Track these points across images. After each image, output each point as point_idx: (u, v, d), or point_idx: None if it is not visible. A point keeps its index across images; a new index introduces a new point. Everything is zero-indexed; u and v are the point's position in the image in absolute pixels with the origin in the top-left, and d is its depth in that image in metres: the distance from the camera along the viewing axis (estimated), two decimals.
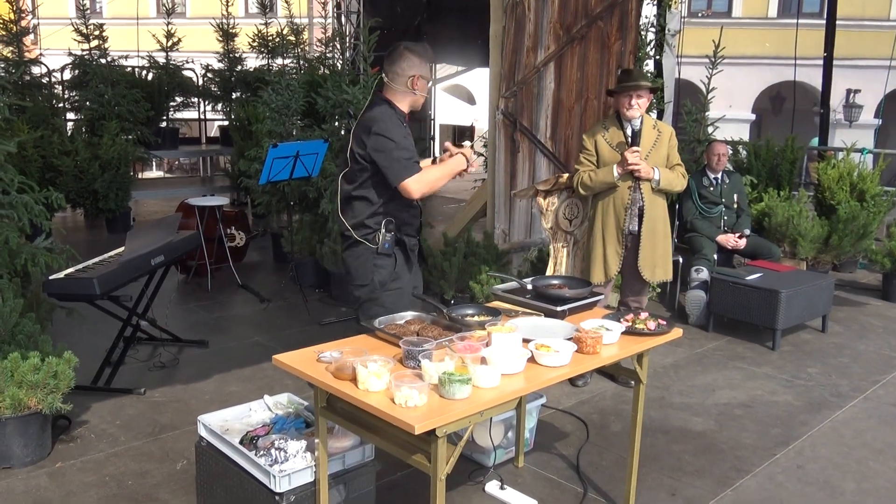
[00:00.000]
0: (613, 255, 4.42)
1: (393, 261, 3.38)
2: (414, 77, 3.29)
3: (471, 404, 2.28)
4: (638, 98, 4.26)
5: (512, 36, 5.89)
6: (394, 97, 3.34)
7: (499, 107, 5.97)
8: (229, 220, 7.14)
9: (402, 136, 3.25)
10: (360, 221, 3.35)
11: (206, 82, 11.32)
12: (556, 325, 2.95)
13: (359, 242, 3.36)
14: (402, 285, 3.43)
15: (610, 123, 4.43)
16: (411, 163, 3.23)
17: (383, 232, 3.31)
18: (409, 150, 3.24)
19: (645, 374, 3.07)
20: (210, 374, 4.65)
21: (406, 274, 3.46)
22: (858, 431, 4.07)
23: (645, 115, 4.40)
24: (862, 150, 7.79)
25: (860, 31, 16.03)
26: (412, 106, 3.39)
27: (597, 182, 4.36)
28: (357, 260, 3.39)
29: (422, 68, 3.31)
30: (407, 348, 2.51)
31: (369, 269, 3.36)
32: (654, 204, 4.38)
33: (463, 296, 5.54)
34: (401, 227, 3.38)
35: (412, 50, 3.30)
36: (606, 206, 4.40)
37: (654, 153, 4.35)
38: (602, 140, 4.39)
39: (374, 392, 2.33)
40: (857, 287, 7.19)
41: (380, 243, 3.31)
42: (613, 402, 4.38)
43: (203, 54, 11.84)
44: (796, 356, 5.25)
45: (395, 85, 3.31)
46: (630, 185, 4.33)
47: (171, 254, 4.64)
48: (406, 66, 3.29)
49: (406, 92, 3.32)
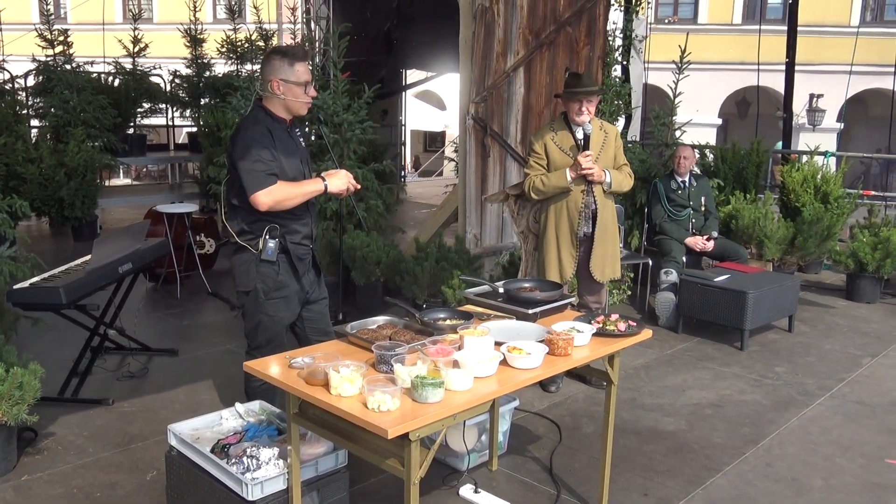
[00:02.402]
0: (568, 258, 4.42)
1: (276, 268, 3.30)
2: (273, 81, 3.19)
3: (444, 408, 2.27)
4: (588, 104, 4.27)
5: (482, 41, 5.92)
6: (269, 104, 3.26)
7: (469, 112, 5.99)
8: (198, 227, 7.07)
9: (263, 144, 3.13)
10: (243, 227, 3.28)
11: (174, 88, 11.21)
12: (528, 328, 2.96)
13: (243, 248, 3.29)
14: (287, 294, 3.35)
15: (558, 126, 4.42)
16: (264, 175, 3.12)
17: (266, 238, 3.24)
18: (264, 161, 3.12)
19: (616, 375, 3.09)
20: (180, 382, 4.59)
21: (292, 283, 3.36)
22: (825, 429, 4.14)
23: (593, 117, 4.43)
24: (825, 153, 7.93)
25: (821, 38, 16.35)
26: (290, 111, 3.28)
27: (550, 186, 4.35)
28: (241, 266, 3.33)
29: (284, 71, 3.18)
30: (379, 353, 2.51)
31: (252, 275, 3.30)
32: (605, 206, 4.40)
33: (435, 301, 5.53)
34: (286, 235, 3.29)
35: (278, 52, 3.22)
36: (559, 209, 4.40)
37: (603, 155, 4.37)
38: (552, 143, 4.39)
39: (346, 397, 2.32)
40: (823, 287, 7.32)
41: (262, 249, 3.25)
42: (585, 404, 4.41)
43: (171, 60, 11.72)
44: (764, 356, 5.32)
45: (265, 92, 3.25)
46: (583, 188, 4.33)
47: (140, 262, 4.58)
48: (268, 71, 3.21)
49: (274, 97, 3.23)
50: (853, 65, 9.99)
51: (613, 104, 7.17)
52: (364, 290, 6.03)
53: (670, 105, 7.19)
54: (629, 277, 6.63)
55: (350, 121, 6.68)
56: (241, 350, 5.12)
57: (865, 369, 5.09)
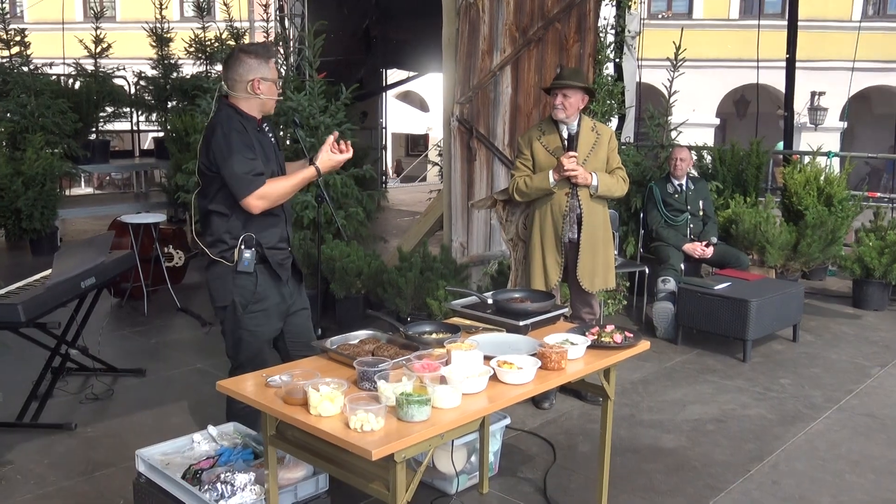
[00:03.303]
0: (553, 265, 4.43)
1: (254, 279, 3.30)
2: (254, 81, 3.23)
3: (431, 426, 2.27)
4: (565, 98, 4.28)
5: (466, 39, 5.95)
6: (240, 103, 3.28)
7: (454, 113, 6.01)
8: (166, 239, 7.04)
9: (244, 144, 3.17)
10: (217, 238, 3.28)
11: (139, 91, 11.17)
12: (519, 341, 2.97)
13: (216, 262, 3.29)
14: (266, 307, 3.35)
15: (546, 126, 4.45)
16: (251, 176, 3.14)
17: (241, 248, 3.24)
18: (248, 162, 3.15)
19: (612, 389, 3.10)
20: (148, 405, 4.56)
21: (273, 293, 3.36)
22: (833, 444, 4.17)
23: (584, 116, 4.45)
24: (828, 153, 8.02)
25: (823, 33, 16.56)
26: (262, 110, 3.32)
27: (532, 188, 4.37)
28: (216, 280, 3.32)
29: (262, 70, 3.24)
30: (361, 369, 2.51)
31: (228, 289, 3.29)
32: (592, 211, 4.41)
33: (420, 314, 5.53)
34: (262, 242, 3.29)
35: (248, 52, 3.26)
36: (544, 213, 4.41)
37: (593, 157, 4.39)
38: (538, 144, 4.41)
39: (327, 417, 2.32)
40: (828, 295, 7.39)
41: (238, 261, 3.24)
42: (581, 421, 4.42)
43: (135, 61, 11.69)
44: (768, 367, 5.36)
45: (237, 92, 3.27)
46: (567, 191, 4.34)
47: (103, 276, 4.55)
48: (244, 72, 3.24)
49: (250, 97, 3.26)
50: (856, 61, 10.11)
51: (606, 104, 7.21)
52: (344, 303, 6.02)
53: (665, 104, 7.25)
54: (625, 287, 6.66)
55: (327, 123, 6.68)
56: (213, 369, 5.13)
57: (874, 380, 5.13)
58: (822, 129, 17.40)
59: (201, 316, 6.28)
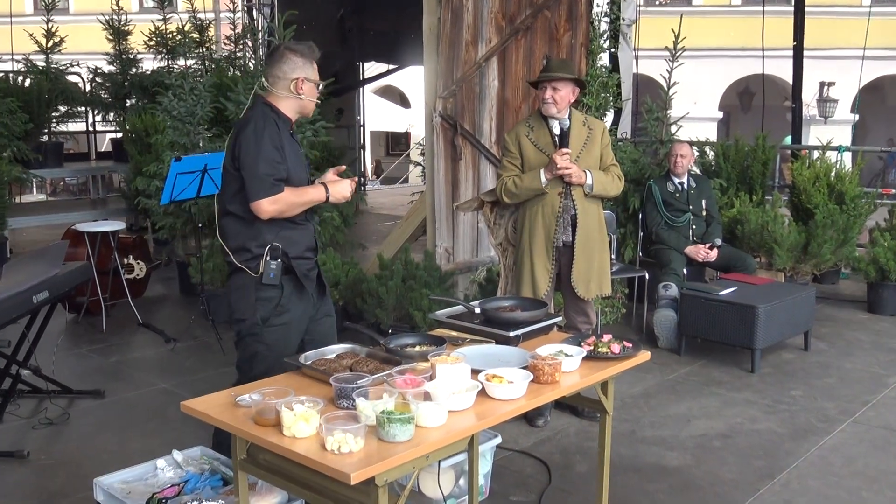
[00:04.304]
0: (542, 271, 4.43)
1: (279, 293, 3.32)
2: (298, 80, 3.32)
3: (414, 447, 2.27)
4: (555, 91, 4.29)
5: (448, 28, 5.97)
6: (277, 102, 3.35)
7: (436, 109, 6.02)
8: (126, 248, 7.01)
9: (273, 146, 3.23)
10: (241, 244, 3.31)
11: (95, 88, 11.12)
12: (509, 353, 2.97)
13: (240, 270, 3.31)
14: (288, 320, 3.37)
15: (535, 121, 4.46)
16: (270, 180, 3.20)
17: (268, 259, 3.27)
18: (272, 164, 3.21)
19: (611, 404, 3.11)
20: (107, 429, 4.54)
21: (296, 306, 3.39)
22: (849, 459, 4.19)
23: (574, 110, 4.47)
24: (838, 147, 8.08)
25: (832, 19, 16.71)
26: (300, 111, 3.42)
27: (522, 189, 4.38)
28: (237, 291, 3.34)
29: (306, 70, 3.35)
30: (339, 386, 2.50)
31: (250, 302, 3.31)
32: (587, 211, 4.42)
33: (402, 325, 5.54)
34: (289, 251, 3.32)
35: (294, 50, 3.35)
36: (534, 215, 4.41)
37: (586, 154, 4.41)
38: (527, 141, 4.43)
39: (301, 438, 2.31)
40: (841, 299, 7.44)
41: (263, 272, 3.27)
42: (577, 439, 4.43)
43: (90, 56, 11.62)
44: (778, 378, 5.39)
45: (277, 90, 3.35)
46: (560, 191, 4.35)
47: (57, 289, 4.53)
48: (289, 69, 3.32)
49: (291, 97, 3.35)
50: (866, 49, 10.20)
51: (600, 97, 7.24)
52: None
53: (664, 97, 7.28)
54: (623, 294, 6.68)
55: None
56: (178, 389, 5.11)
57: (892, 390, 5.17)
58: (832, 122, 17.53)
59: (165, 332, 6.25)
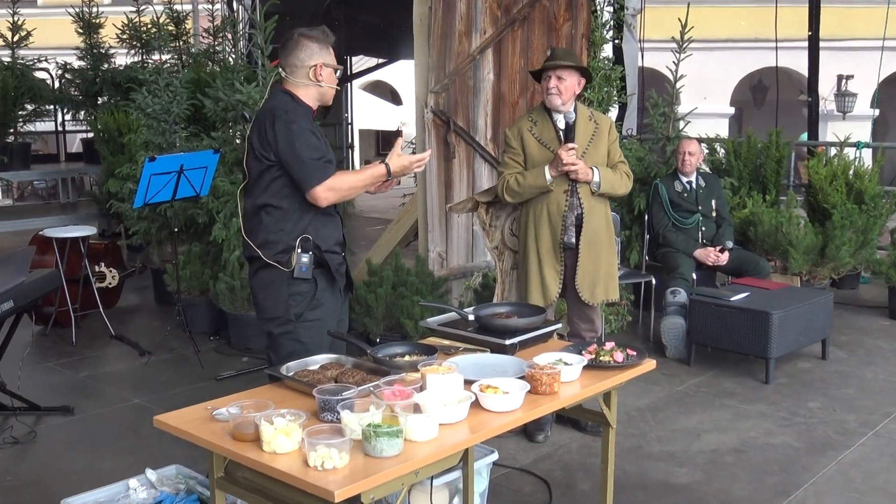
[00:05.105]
0: (552, 275, 4.43)
1: (313, 286, 3.38)
2: (317, 66, 3.39)
3: (403, 462, 2.27)
4: (560, 81, 4.30)
5: (440, 18, 5.97)
6: (296, 90, 3.43)
7: (427, 104, 6.02)
8: (98, 255, 7.00)
9: (308, 131, 3.32)
10: (269, 238, 3.36)
11: (65, 85, 11.11)
12: (505, 362, 2.97)
13: (268, 266, 3.35)
14: (322, 315, 3.43)
15: (538, 115, 4.48)
16: (322, 163, 3.30)
17: (299, 252, 3.32)
18: (318, 149, 3.31)
19: (614, 416, 3.11)
20: (77, 448, 4.53)
21: (329, 300, 3.46)
22: (870, 474, 4.19)
23: (579, 104, 4.48)
24: (857, 143, 8.10)
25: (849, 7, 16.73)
26: (320, 99, 3.49)
27: (526, 187, 4.39)
28: (267, 289, 3.39)
29: (324, 55, 3.42)
30: (322, 398, 2.50)
31: (282, 298, 3.36)
32: (594, 211, 4.43)
33: (393, 335, 5.53)
34: (321, 244, 3.39)
35: (309, 36, 3.41)
36: (539, 215, 4.41)
37: (593, 150, 4.42)
38: (529, 136, 4.44)
39: (282, 454, 2.31)
40: (861, 304, 7.45)
41: (295, 266, 3.32)
42: (580, 455, 4.42)
43: (59, 51, 11.63)
44: (794, 389, 5.39)
45: (296, 78, 3.42)
46: (566, 188, 4.36)
47: (23, 299, 4.54)
48: (305, 56, 3.40)
49: (310, 84, 3.42)
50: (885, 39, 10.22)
51: (602, 91, 7.26)
52: None
53: (671, 91, 7.30)
54: (629, 300, 6.69)
55: None
56: (153, 405, 5.10)
57: None
58: (850, 118, 17.56)
59: (139, 344, 6.24)
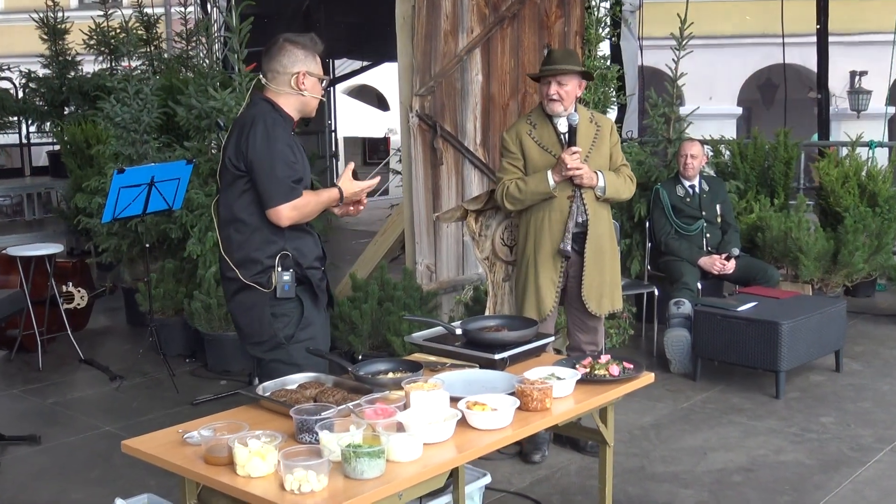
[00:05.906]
0: (548, 286, 4.44)
1: (298, 306, 3.39)
2: (300, 74, 3.40)
3: (385, 484, 2.28)
4: (561, 86, 4.33)
5: (424, 17, 6.00)
6: (277, 99, 3.43)
7: (412, 108, 6.04)
8: (65, 275, 6.98)
9: (287, 145, 3.32)
10: (247, 256, 3.34)
11: (29, 95, 11.12)
12: (495, 378, 2.99)
13: (247, 287, 3.34)
14: (314, 334, 3.44)
15: (537, 118, 4.51)
16: (289, 183, 3.28)
17: (279, 271, 3.31)
18: (289, 166, 3.30)
19: (611, 434, 3.13)
20: (44, 478, 4.53)
21: (316, 318, 3.46)
22: (886, 492, 4.21)
23: (580, 106, 4.51)
24: (869, 143, 8.14)
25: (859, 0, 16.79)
26: (302, 110, 3.49)
27: (528, 193, 4.40)
28: (249, 312, 3.38)
29: (308, 63, 3.42)
30: (300, 418, 2.51)
31: (265, 321, 3.35)
32: (599, 217, 4.46)
33: (380, 353, 5.54)
34: (301, 261, 3.39)
35: (295, 42, 3.42)
36: (539, 222, 4.43)
37: (595, 153, 4.45)
38: (529, 139, 4.46)
39: (257, 477, 2.32)
40: (877, 313, 7.47)
41: (277, 285, 3.31)
42: (579, 478, 4.43)
43: (22, 59, 11.64)
44: (806, 404, 5.41)
45: (277, 86, 3.42)
46: (570, 194, 4.39)
47: None
48: (288, 62, 3.40)
49: (291, 93, 3.42)
50: None
51: (598, 91, 7.30)
52: None
53: (672, 91, 7.33)
54: (630, 313, 6.70)
55: None
56: (124, 432, 5.09)
57: None
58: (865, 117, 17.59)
59: (109, 368, 6.24)
